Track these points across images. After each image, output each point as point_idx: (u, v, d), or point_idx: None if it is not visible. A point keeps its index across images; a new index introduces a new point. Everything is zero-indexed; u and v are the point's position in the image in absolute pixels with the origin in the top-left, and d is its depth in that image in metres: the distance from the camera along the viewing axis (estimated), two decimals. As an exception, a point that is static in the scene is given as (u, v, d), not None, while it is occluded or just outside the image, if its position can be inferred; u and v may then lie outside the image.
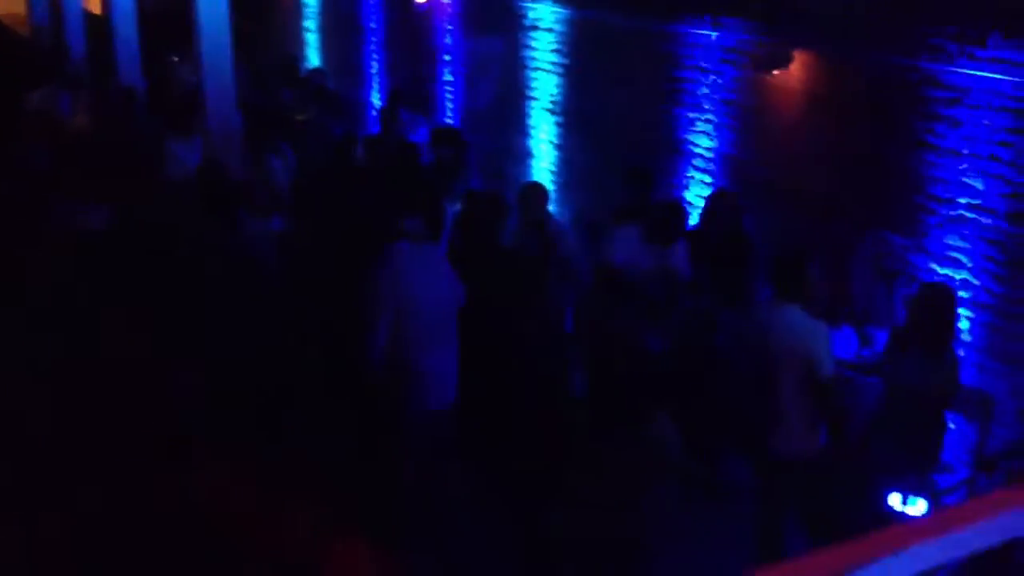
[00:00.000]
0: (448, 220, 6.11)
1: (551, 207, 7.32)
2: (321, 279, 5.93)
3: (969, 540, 1.23)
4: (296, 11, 14.05)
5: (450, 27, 10.48)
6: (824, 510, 4.95)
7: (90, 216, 6.31)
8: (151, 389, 4.66)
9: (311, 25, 13.82)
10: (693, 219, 7.24)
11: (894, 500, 5.09)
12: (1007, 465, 5.03)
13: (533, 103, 9.35)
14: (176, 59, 11.11)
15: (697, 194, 7.53)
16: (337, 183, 7.23)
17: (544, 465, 4.89)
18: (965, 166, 5.63)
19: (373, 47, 12.18)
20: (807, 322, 4.67)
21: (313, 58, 13.66)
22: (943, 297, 5.07)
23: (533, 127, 9.40)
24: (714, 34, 7.21)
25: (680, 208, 6.37)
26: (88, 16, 13.53)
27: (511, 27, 9.44)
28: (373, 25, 12.14)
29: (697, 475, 5.93)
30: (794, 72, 6.64)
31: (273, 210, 7.06)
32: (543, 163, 9.36)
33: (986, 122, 5.50)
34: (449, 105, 10.70)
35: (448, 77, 10.65)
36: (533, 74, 9.28)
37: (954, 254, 5.76)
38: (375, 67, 12.17)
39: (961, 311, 5.60)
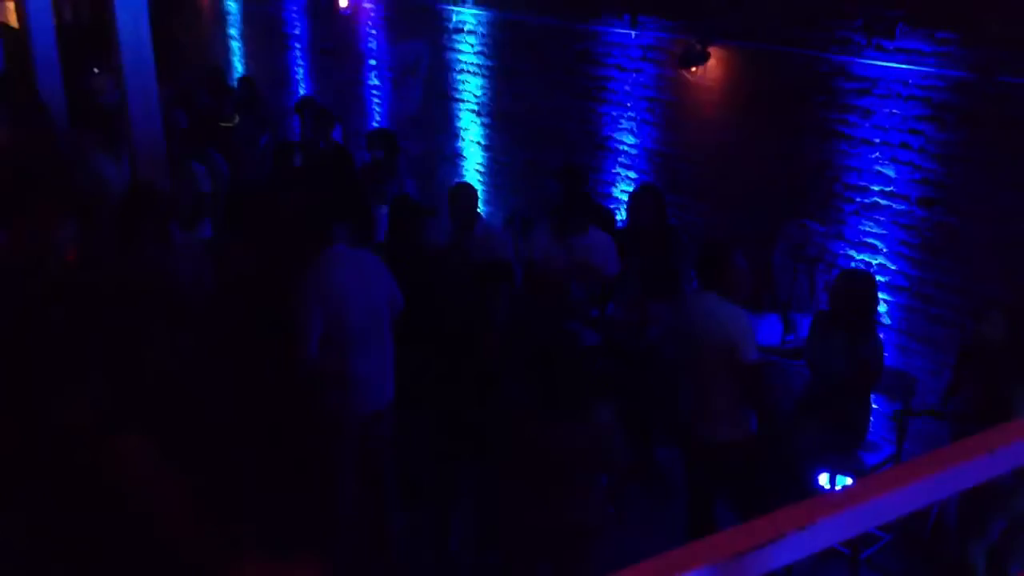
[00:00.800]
0: (380, 223, 6.12)
1: (481, 208, 7.33)
2: (257, 288, 5.88)
3: (884, 509, 1.24)
4: (219, 20, 13.90)
5: (374, 31, 10.47)
6: (754, 494, 5.02)
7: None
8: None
9: (234, 33, 13.69)
10: (620, 215, 7.31)
11: (823, 480, 5.25)
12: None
13: (459, 105, 9.38)
14: (96, 71, 10.92)
15: (623, 189, 7.61)
16: (276, 190, 7.15)
17: (484, 462, 4.96)
18: (877, 154, 5.77)
19: (298, 53, 12.11)
20: (727, 309, 4.73)
21: (238, 66, 13.53)
22: (863, 283, 5.19)
23: (460, 128, 9.42)
24: (633, 33, 7.31)
25: (580, 201, 6.29)
26: (5, 28, 13.24)
27: (435, 30, 9.44)
28: (297, 31, 12.07)
29: (632, 464, 6.03)
30: (712, 68, 6.75)
31: (201, 218, 6.97)
32: (472, 164, 9.39)
33: (895, 111, 5.64)
34: (376, 109, 10.69)
35: (374, 81, 10.64)
36: (458, 76, 9.30)
37: (870, 240, 5.90)
38: (300, 73, 12.10)
39: (880, 295, 5.77)
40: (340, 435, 5.04)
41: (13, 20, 14.11)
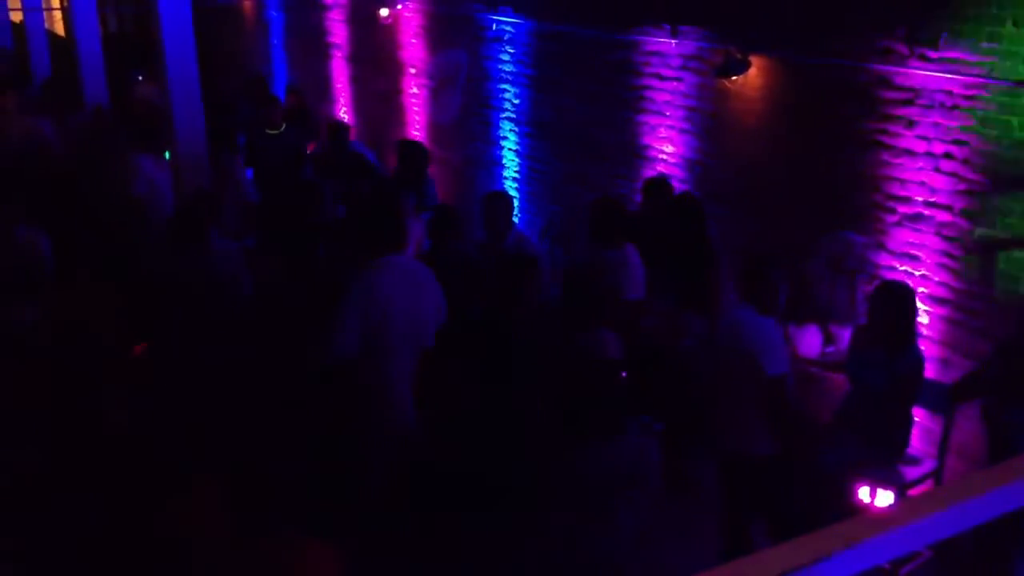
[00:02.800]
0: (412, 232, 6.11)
1: (516, 217, 7.30)
2: (294, 298, 5.91)
3: (932, 529, 1.23)
4: (262, 29, 14.07)
5: (414, 41, 10.53)
6: (788, 509, 4.97)
7: None
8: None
9: (277, 42, 13.84)
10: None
11: (862, 494, 5.18)
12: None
13: (498, 113, 9.40)
14: (140, 78, 11.11)
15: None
16: (292, 198, 7.21)
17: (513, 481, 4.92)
18: (920, 165, 5.71)
19: (338, 62, 12.21)
20: (755, 320, 4.75)
21: (280, 75, 13.69)
22: (901, 294, 5.13)
23: (498, 137, 9.45)
24: (674, 42, 7.30)
25: (596, 211, 5.99)
26: (52, 36, 13.52)
27: (474, 40, 9.49)
28: (338, 41, 12.18)
29: (670, 475, 5.98)
30: (752, 77, 6.72)
31: (247, 227, 7.05)
32: (510, 172, 9.41)
33: (939, 121, 5.58)
34: (416, 118, 10.75)
35: (414, 90, 10.70)
36: (497, 85, 9.33)
37: (912, 251, 5.83)
38: (341, 82, 12.20)
39: (921, 306, 5.68)
40: (379, 446, 5.00)
41: (60, 29, 14.41)
